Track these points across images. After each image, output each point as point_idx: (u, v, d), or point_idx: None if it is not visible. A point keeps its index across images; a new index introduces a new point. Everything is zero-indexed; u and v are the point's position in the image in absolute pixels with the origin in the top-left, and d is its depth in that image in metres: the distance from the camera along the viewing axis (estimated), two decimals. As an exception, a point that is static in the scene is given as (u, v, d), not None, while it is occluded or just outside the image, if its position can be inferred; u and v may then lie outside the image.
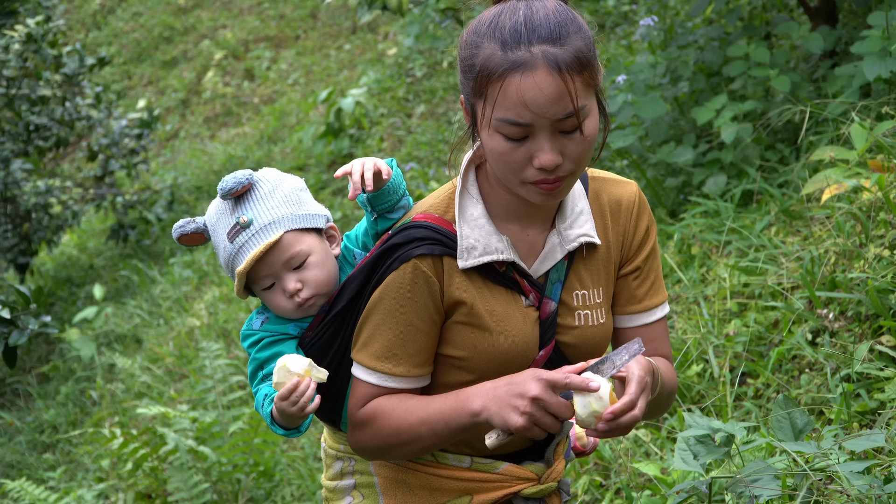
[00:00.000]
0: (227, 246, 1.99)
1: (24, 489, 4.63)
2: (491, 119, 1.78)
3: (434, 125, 8.07)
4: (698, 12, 4.83)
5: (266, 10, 11.98)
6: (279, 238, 1.97)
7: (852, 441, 2.29)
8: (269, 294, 2.00)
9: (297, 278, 1.98)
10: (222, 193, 1.98)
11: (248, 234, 1.97)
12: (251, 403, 5.14)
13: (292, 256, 1.98)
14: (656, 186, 4.93)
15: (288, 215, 1.99)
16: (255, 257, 1.95)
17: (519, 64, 1.74)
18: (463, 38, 1.84)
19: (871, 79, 3.98)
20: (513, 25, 1.76)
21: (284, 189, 2.02)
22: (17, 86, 7.97)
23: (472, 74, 1.80)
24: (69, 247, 9.46)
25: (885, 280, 3.14)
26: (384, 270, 1.91)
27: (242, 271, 1.96)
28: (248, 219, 1.97)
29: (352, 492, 2.09)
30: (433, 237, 1.90)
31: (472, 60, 1.80)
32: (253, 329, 2.04)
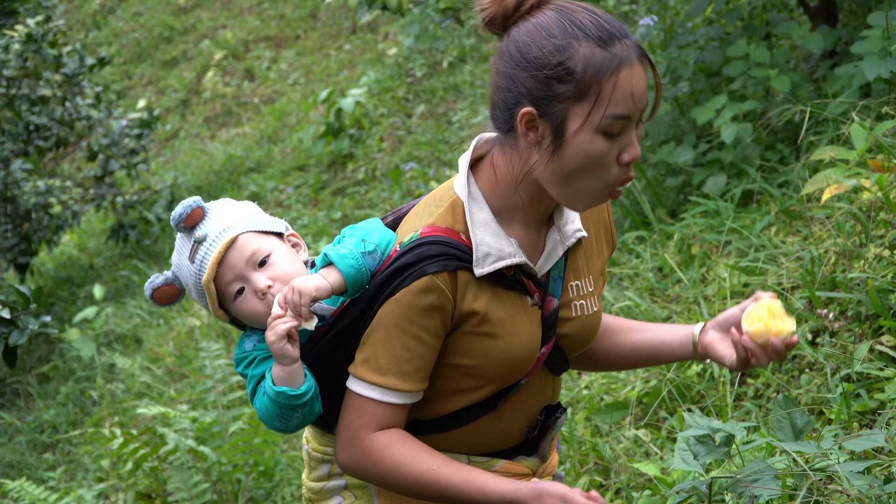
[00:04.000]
0: (190, 269, 1.98)
1: (24, 489, 4.63)
2: (600, 119, 1.79)
3: (434, 125, 8.07)
4: (698, 12, 4.83)
5: (266, 10, 11.98)
6: (235, 238, 1.96)
7: (852, 441, 2.29)
8: (241, 302, 1.97)
9: (266, 276, 1.95)
10: (174, 223, 1.98)
11: (205, 247, 1.96)
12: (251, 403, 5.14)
13: (253, 253, 1.96)
14: (656, 186, 4.93)
15: (242, 220, 1.99)
16: (216, 260, 1.94)
17: (625, 59, 1.80)
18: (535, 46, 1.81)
19: (871, 79, 3.98)
20: (596, 24, 1.81)
21: (236, 206, 2.03)
22: (17, 86, 7.96)
23: (575, 78, 1.78)
24: (69, 247, 9.46)
25: (885, 280, 3.14)
26: (395, 287, 1.87)
27: (208, 280, 1.95)
28: (202, 234, 1.97)
29: (342, 492, 2.06)
30: (447, 252, 1.87)
31: (569, 64, 1.78)
32: (245, 351, 2.01)
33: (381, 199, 7.53)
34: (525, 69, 1.82)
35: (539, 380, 2.05)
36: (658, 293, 4.26)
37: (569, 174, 1.84)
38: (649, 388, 3.67)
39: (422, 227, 1.91)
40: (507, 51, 1.85)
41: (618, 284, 4.52)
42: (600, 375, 3.98)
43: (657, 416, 3.59)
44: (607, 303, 4.33)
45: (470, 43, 8.84)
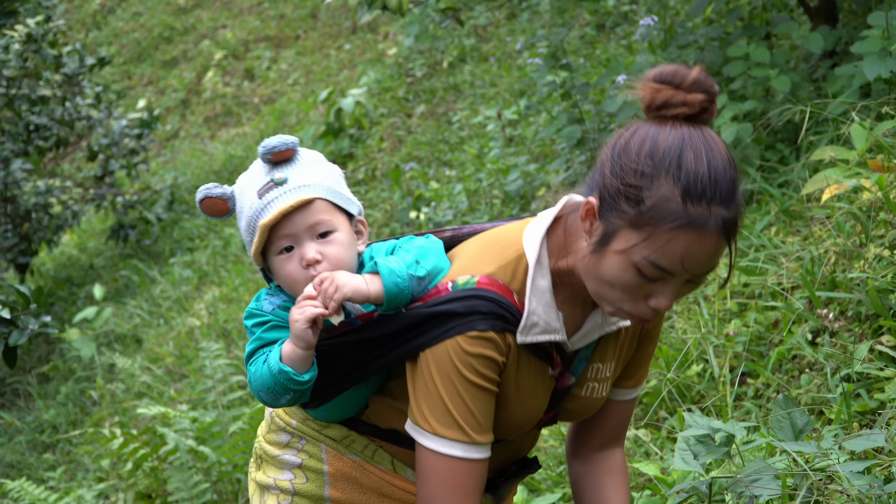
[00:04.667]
0: (253, 203, 1.90)
1: (24, 489, 4.63)
2: (640, 257, 1.74)
3: (434, 125, 8.07)
4: (698, 12, 4.83)
5: (266, 10, 11.98)
6: (312, 199, 1.89)
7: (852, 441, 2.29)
8: (283, 260, 1.90)
9: (318, 249, 1.89)
10: (264, 150, 1.90)
11: (280, 191, 1.88)
12: (251, 403, 5.14)
13: (319, 222, 1.89)
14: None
15: (326, 186, 1.92)
16: (284, 210, 1.86)
17: (698, 224, 1.70)
18: (633, 153, 1.75)
19: (871, 79, 3.98)
20: (698, 175, 1.70)
21: (327, 167, 1.96)
22: (17, 86, 7.97)
23: (639, 208, 1.72)
24: (69, 247, 9.46)
25: (885, 280, 3.14)
26: (442, 333, 1.83)
27: (267, 223, 1.87)
28: (283, 177, 1.90)
29: (294, 469, 2.04)
30: (498, 312, 1.84)
31: (644, 193, 1.72)
32: (262, 310, 1.95)
33: (381, 199, 7.53)
34: (612, 166, 1.77)
35: (525, 436, 2.06)
36: (658, 293, 4.26)
37: (598, 278, 1.80)
38: (649, 388, 3.67)
39: (480, 273, 1.86)
40: (624, 135, 1.79)
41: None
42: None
43: (657, 416, 3.59)
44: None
45: (470, 43, 8.84)
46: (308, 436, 2.04)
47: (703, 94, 1.75)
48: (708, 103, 1.76)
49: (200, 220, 8.70)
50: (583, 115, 5.18)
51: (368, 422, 2.02)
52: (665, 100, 1.75)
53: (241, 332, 6.44)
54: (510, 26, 8.79)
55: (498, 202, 6.13)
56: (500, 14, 9.04)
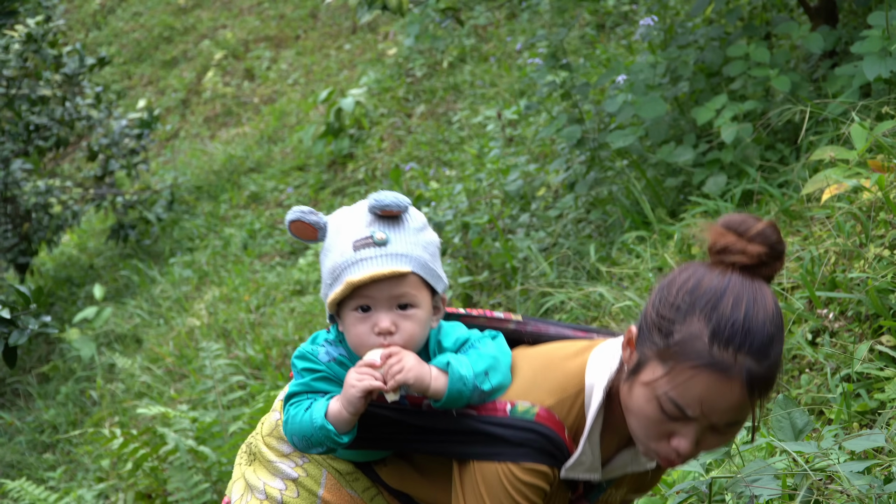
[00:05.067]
0: (345, 252, 1.87)
1: (24, 489, 4.63)
2: (662, 391, 1.74)
3: (434, 125, 8.07)
4: (698, 12, 4.83)
5: (266, 10, 11.98)
6: (408, 273, 1.86)
7: (852, 441, 2.29)
8: (356, 318, 1.88)
9: (395, 320, 1.87)
10: (376, 206, 1.87)
11: (377, 252, 1.85)
12: (251, 403, 5.14)
13: (404, 294, 1.86)
14: (656, 186, 4.93)
15: (423, 260, 1.89)
16: (375, 276, 1.83)
17: (720, 367, 1.70)
18: (676, 287, 1.77)
19: (871, 79, 3.98)
20: (731, 320, 1.71)
21: (429, 236, 1.93)
22: (17, 86, 7.96)
23: (667, 342, 1.74)
24: (69, 247, 9.46)
25: (885, 280, 3.13)
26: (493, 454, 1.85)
27: (357, 282, 1.84)
28: (384, 238, 1.86)
29: (288, 481, 2.03)
30: (549, 451, 1.86)
31: (673, 327, 1.74)
32: (317, 357, 1.93)
33: (381, 199, 7.52)
34: (654, 298, 1.80)
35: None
36: (658, 293, 4.25)
37: (628, 409, 1.82)
38: (649, 388, 3.67)
39: (540, 405, 1.86)
40: (676, 271, 1.82)
41: (618, 284, 4.52)
42: (600, 375, 3.98)
43: (657, 416, 3.58)
44: (607, 302, 4.33)
45: (470, 43, 8.84)
46: (311, 457, 2.04)
47: (764, 246, 1.76)
48: (769, 258, 1.76)
49: (200, 220, 8.70)
50: (583, 115, 5.18)
51: (379, 475, 2.02)
52: (725, 245, 1.78)
53: (241, 332, 6.44)
54: (510, 26, 8.79)
55: (498, 202, 6.13)
56: (500, 14, 9.04)
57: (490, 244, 5.66)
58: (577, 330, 2.04)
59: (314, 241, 1.97)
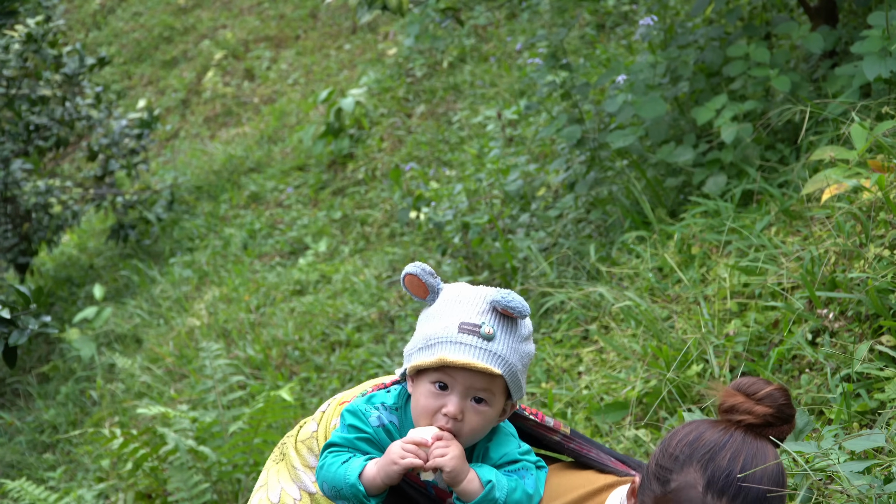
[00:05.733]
0: (449, 329, 1.91)
1: (24, 489, 4.63)
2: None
3: (434, 125, 8.07)
4: (698, 12, 4.83)
5: (266, 10, 11.98)
6: (498, 376, 1.91)
7: (852, 441, 2.29)
8: (430, 391, 1.93)
9: (464, 409, 1.92)
10: (501, 303, 1.91)
11: (480, 343, 1.90)
12: (251, 403, 5.14)
13: (484, 390, 1.92)
14: (656, 186, 4.93)
15: (516, 370, 1.94)
16: (470, 366, 1.88)
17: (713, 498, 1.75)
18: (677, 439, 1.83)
19: (871, 79, 3.98)
20: (726, 472, 1.76)
21: (529, 348, 1.99)
22: (17, 86, 7.96)
23: (664, 489, 1.80)
24: (69, 247, 9.46)
25: (885, 280, 3.13)
26: None
27: (450, 363, 1.88)
28: (492, 333, 1.91)
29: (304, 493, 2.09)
30: None
31: (671, 476, 1.80)
32: (367, 419, 1.98)
33: (381, 199, 7.53)
34: (657, 449, 1.86)
35: None
36: (658, 293, 4.26)
37: None
38: (649, 388, 3.67)
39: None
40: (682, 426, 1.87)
41: (618, 284, 4.52)
42: (600, 375, 3.98)
43: (657, 416, 3.59)
44: (607, 302, 4.34)
45: (470, 43, 8.84)
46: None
47: (772, 408, 1.80)
48: (775, 419, 1.81)
49: (200, 220, 8.70)
50: (583, 115, 5.18)
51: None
52: (733, 405, 1.82)
53: (241, 332, 6.44)
54: (510, 26, 8.79)
55: (498, 202, 6.13)
56: (500, 14, 9.04)
57: (490, 244, 5.66)
58: (617, 461, 2.08)
59: (422, 299, 2.00)
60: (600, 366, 4.10)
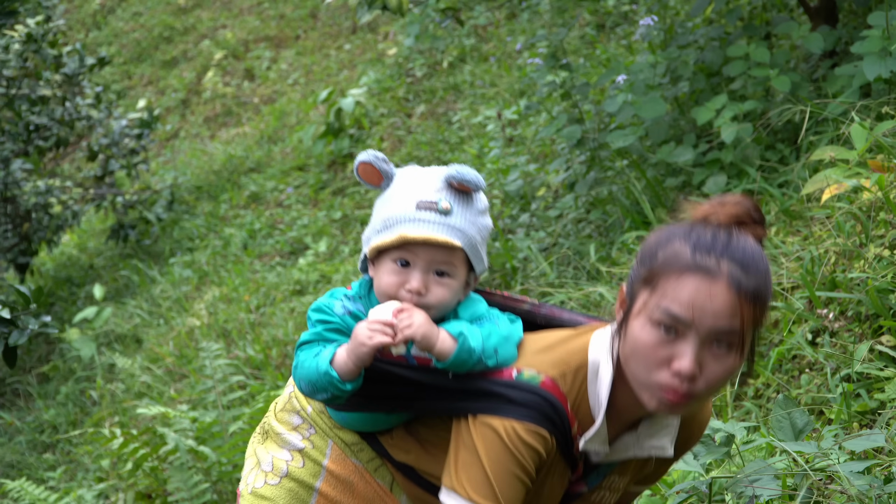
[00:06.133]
0: (407, 208, 1.93)
1: (24, 489, 4.63)
2: (653, 308, 1.78)
3: (434, 125, 8.07)
4: (698, 12, 4.83)
5: (266, 10, 11.98)
6: (458, 247, 1.93)
7: (852, 441, 2.29)
8: (392, 269, 1.94)
9: (427, 283, 1.93)
10: (455, 177, 1.94)
11: (437, 218, 1.92)
12: (251, 403, 5.14)
13: (446, 262, 1.94)
14: (656, 186, 4.93)
15: (475, 241, 1.96)
16: (429, 240, 1.90)
17: (704, 269, 1.75)
18: (656, 233, 1.84)
19: (871, 79, 3.98)
20: (712, 237, 1.77)
21: (487, 221, 2.01)
22: (17, 86, 7.96)
23: (651, 263, 1.81)
24: (69, 247, 9.46)
25: (885, 280, 3.13)
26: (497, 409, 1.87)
27: (409, 238, 1.90)
28: (448, 208, 1.93)
29: (294, 451, 2.06)
30: (551, 417, 1.88)
31: (656, 250, 1.80)
32: (333, 311, 1.98)
33: (381, 199, 7.52)
34: (642, 249, 1.86)
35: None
36: (658, 293, 4.26)
37: (626, 357, 1.84)
38: (649, 388, 3.67)
39: (545, 374, 1.90)
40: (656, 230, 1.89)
41: (618, 284, 4.52)
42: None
43: (657, 416, 3.58)
44: (607, 302, 4.34)
45: (470, 43, 8.84)
46: (319, 427, 2.06)
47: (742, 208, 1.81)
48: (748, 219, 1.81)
49: (200, 220, 8.70)
50: (583, 115, 5.18)
51: (384, 446, 2.04)
52: (704, 213, 1.82)
53: (241, 332, 6.44)
54: (510, 26, 8.79)
55: (498, 202, 6.12)
56: (500, 14, 9.04)
57: (490, 244, 5.67)
58: (590, 318, 2.07)
59: (376, 187, 2.02)
60: (600, 366, 4.09)
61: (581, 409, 1.91)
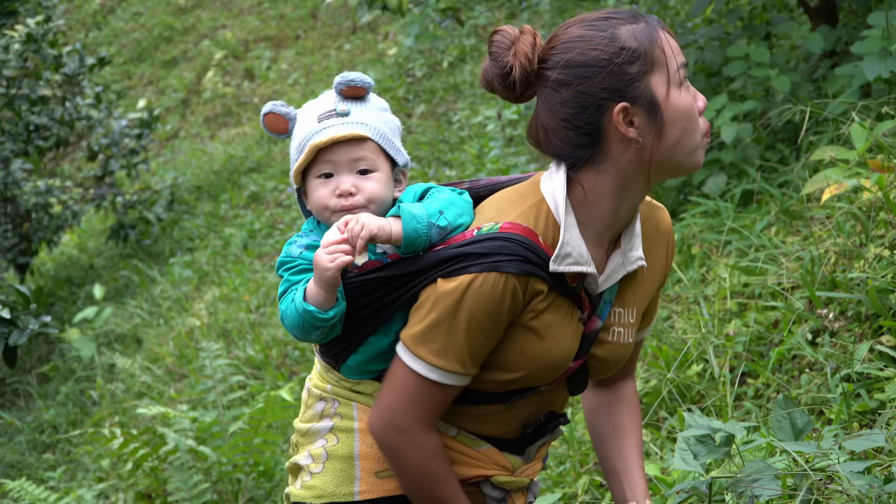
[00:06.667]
0: (310, 125, 2.01)
1: (24, 489, 4.63)
2: (675, 73, 1.90)
3: (434, 125, 8.07)
4: (698, 12, 4.83)
5: (266, 10, 11.98)
6: (365, 137, 1.99)
7: (852, 441, 2.29)
8: (319, 184, 1.99)
9: (355, 182, 1.98)
10: (341, 81, 2.01)
11: (339, 120, 1.99)
12: (251, 403, 5.14)
13: (363, 158, 1.99)
14: (656, 186, 4.94)
15: (382, 131, 2.02)
16: (336, 138, 1.96)
17: (652, 22, 1.92)
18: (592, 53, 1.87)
19: (871, 79, 3.98)
20: (608, 14, 1.90)
21: (390, 117, 2.06)
22: (17, 86, 7.97)
23: (639, 52, 1.87)
24: (69, 247, 9.46)
25: (885, 280, 3.14)
26: (457, 269, 1.88)
27: (317, 145, 1.96)
28: (346, 109, 2.00)
29: (326, 434, 2.07)
30: (522, 254, 1.88)
31: (628, 44, 1.87)
32: (291, 255, 2.01)
33: (381, 199, 7.52)
34: (593, 76, 1.86)
35: (555, 391, 2.09)
36: (658, 293, 4.26)
37: (677, 140, 1.90)
38: (649, 388, 3.67)
39: (503, 220, 1.91)
40: (559, 79, 1.89)
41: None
42: (600, 375, 3.98)
43: (657, 416, 3.59)
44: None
45: (470, 43, 8.84)
46: (341, 396, 2.06)
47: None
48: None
49: (200, 220, 8.70)
50: (583, 115, 5.18)
51: None
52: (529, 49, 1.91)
53: (241, 332, 6.44)
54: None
55: (498, 202, 6.11)
56: (500, 14, 9.04)
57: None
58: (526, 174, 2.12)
59: (286, 134, 2.09)
60: (600, 366, 4.10)
61: (556, 240, 1.93)
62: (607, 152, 1.90)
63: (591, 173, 1.92)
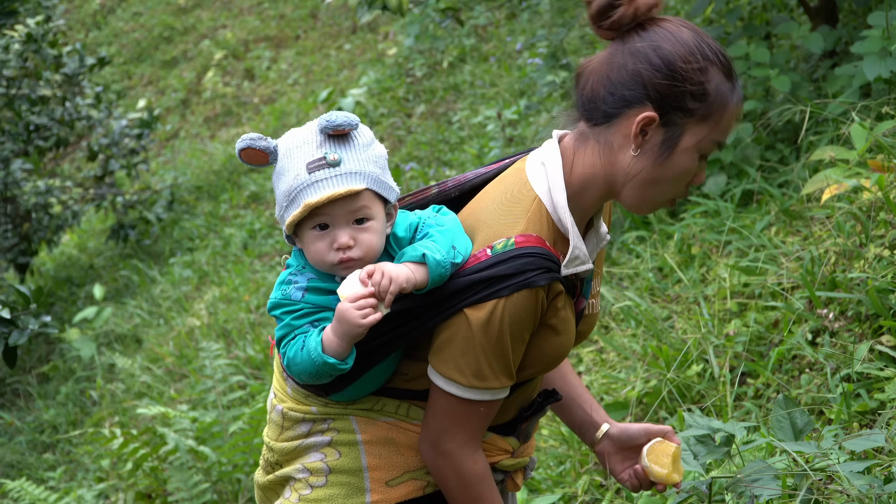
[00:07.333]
0: (300, 175, 1.93)
1: (24, 489, 4.63)
2: (708, 142, 1.92)
3: (434, 125, 8.07)
4: (698, 12, 4.83)
5: (266, 10, 11.98)
6: (362, 190, 1.92)
7: (852, 441, 2.29)
8: (315, 236, 1.94)
9: (352, 235, 1.93)
10: (327, 125, 1.94)
11: (331, 172, 1.92)
12: (251, 403, 5.14)
13: (360, 209, 1.93)
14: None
15: (375, 175, 1.95)
16: (332, 197, 1.90)
17: (740, 97, 1.94)
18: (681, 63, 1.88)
19: (871, 79, 3.98)
20: (723, 54, 1.92)
21: (378, 150, 1.99)
22: (17, 86, 7.97)
23: (707, 100, 1.89)
24: (69, 247, 9.46)
25: (885, 280, 3.14)
26: (489, 294, 1.89)
27: (314, 204, 1.90)
28: (337, 158, 1.93)
29: (323, 448, 2.04)
30: (545, 266, 1.91)
31: (707, 87, 1.88)
32: (291, 298, 1.97)
33: (381, 199, 7.52)
34: (665, 77, 1.88)
35: None
36: (658, 293, 4.26)
37: (659, 180, 1.93)
38: (649, 388, 3.67)
39: (513, 234, 1.92)
40: (643, 51, 1.89)
41: (618, 284, 4.52)
42: (600, 375, 3.98)
43: (657, 416, 3.59)
44: (607, 302, 4.34)
45: (470, 43, 8.84)
46: (333, 415, 2.04)
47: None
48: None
49: (200, 220, 8.70)
50: (583, 115, 5.17)
51: (402, 387, 2.04)
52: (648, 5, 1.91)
53: (241, 332, 6.44)
54: (510, 26, 8.79)
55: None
56: (500, 14, 9.04)
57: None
58: (492, 164, 2.12)
59: (265, 165, 2.04)
60: (600, 366, 4.10)
61: (558, 241, 1.96)
62: (611, 134, 1.93)
63: (588, 150, 1.96)
